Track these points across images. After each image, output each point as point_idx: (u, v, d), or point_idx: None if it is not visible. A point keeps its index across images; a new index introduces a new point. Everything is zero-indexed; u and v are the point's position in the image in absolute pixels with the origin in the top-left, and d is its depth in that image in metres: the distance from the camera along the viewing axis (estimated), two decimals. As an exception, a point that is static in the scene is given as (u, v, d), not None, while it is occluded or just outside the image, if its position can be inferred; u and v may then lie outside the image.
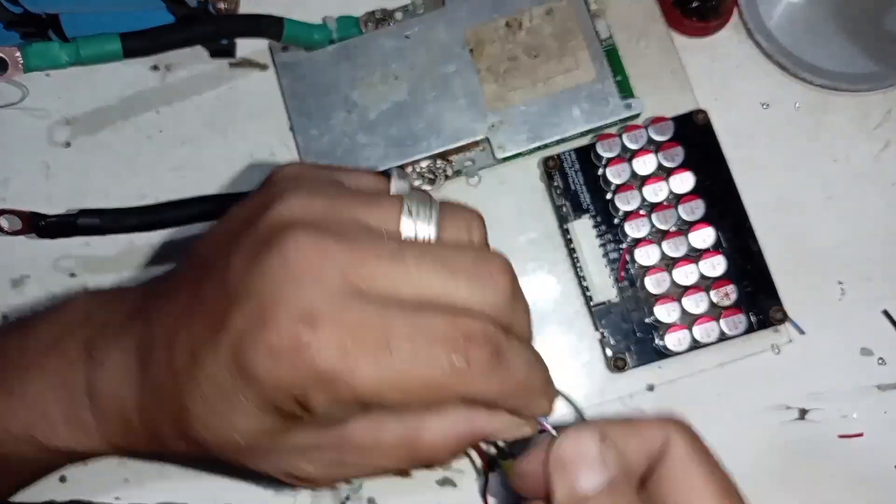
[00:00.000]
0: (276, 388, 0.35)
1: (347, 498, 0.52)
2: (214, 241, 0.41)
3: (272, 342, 0.34)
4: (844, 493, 0.51)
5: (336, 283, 0.35)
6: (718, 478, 0.38)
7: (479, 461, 0.51)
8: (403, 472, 0.41)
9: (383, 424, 0.38)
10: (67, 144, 0.56)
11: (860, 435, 0.51)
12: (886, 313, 0.52)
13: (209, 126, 0.56)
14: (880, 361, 0.52)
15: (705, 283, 0.50)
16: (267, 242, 0.36)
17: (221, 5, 0.54)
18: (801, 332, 0.52)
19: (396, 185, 0.40)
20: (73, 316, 0.45)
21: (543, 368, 0.39)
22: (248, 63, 0.57)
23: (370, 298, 0.35)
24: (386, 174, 0.41)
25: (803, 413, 0.51)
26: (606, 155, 0.52)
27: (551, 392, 0.40)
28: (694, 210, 0.51)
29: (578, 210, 0.53)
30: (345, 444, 0.38)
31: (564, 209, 0.53)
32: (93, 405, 0.42)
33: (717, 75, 0.55)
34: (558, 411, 0.41)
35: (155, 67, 0.56)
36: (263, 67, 0.56)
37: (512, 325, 0.38)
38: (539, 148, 0.53)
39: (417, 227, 0.38)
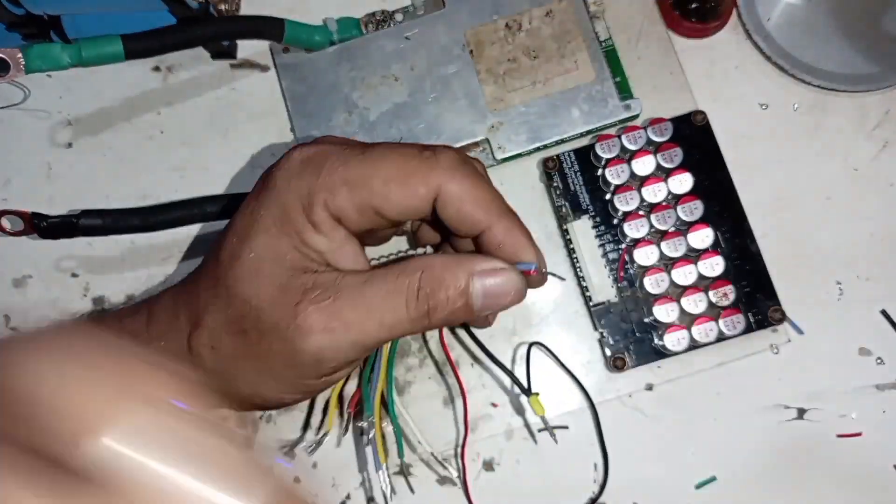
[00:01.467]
0: (287, 188, 0.42)
1: (348, 497, 0.52)
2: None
3: (291, 156, 0.43)
4: (843, 492, 0.51)
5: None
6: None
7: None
8: (402, 327, 0.42)
9: (372, 274, 0.42)
10: (69, 145, 0.56)
11: (859, 434, 0.51)
12: (885, 313, 0.52)
13: (210, 127, 0.56)
14: (878, 361, 0.52)
15: (704, 284, 0.51)
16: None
17: (222, 7, 0.55)
18: (800, 331, 0.52)
19: None
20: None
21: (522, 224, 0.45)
22: (249, 64, 0.57)
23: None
24: None
25: (802, 413, 0.51)
26: (605, 156, 0.52)
27: (526, 231, 0.45)
28: (693, 210, 0.51)
29: (578, 210, 0.53)
30: (337, 288, 0.41)
31: (564, 209, 0.53)
32: (149, 322, 0.45)
33: (715, 76, 0.55)
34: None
35: (156, 68, 0.57)
36: (264, 69, 0.57)
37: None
38: (538, 149, 0.54)
39: None
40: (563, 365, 0.52)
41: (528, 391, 0.49)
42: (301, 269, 0.41)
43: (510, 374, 0.50)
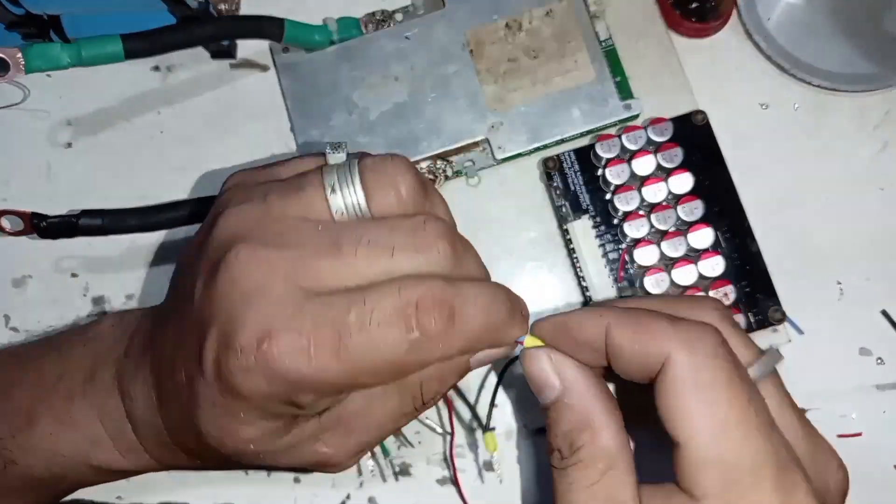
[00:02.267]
0: (262, 399, 0.37)
1: (348, 497, 0.52)
2: (185, 265, 0.43)
3: (241, 363, 0.36)
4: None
5: (282, 291, 0.37)
6: (714, 407, 0.36)
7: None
8: (411, 416, 0.42)
9: (372, 391, 0.41)
10: (69, 145, 0.56)
11: (859, 434, 0.51)
12: (885, 313, 0.52)
13: (210, 127, 0.56)
14: (879, 361, 0.52)
15: (704, 284, 0.51)
16: (216, 264, 0.38)
17: (222, 6, 0.55)
18: (800, 332, 0.52)
19: (332, 159, 0.41)
20: (102, 346, 0.47)
21: (504, 300, 0.40)
22: (249, 64, 0.57)
23: (318, 297, 0.37)
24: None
25: (802, 413, 0.51)
26: (606, 155, 0.52)
27: (517, 317, 0.41)
28: (693, 210, 0.51)
29: (578, 210, 0.53)
30: (345, 415, 0.41)
31: (564, 209, 0.53)
32: (138, 435, 0.45)
33: (716, 76, 0.55)
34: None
35: (156, 68, 0.57)
36: (264, 68, 0.56)
37: (463, 277, 0.40)
38: (539, 148, 0.54)
39: (345, 199, 0.39)
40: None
41: (485, 427, 0.47)
42: (304, 424, 0.41)
43: (471, 407, 0.51)
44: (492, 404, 0.46)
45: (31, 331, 0.54)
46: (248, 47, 0.57)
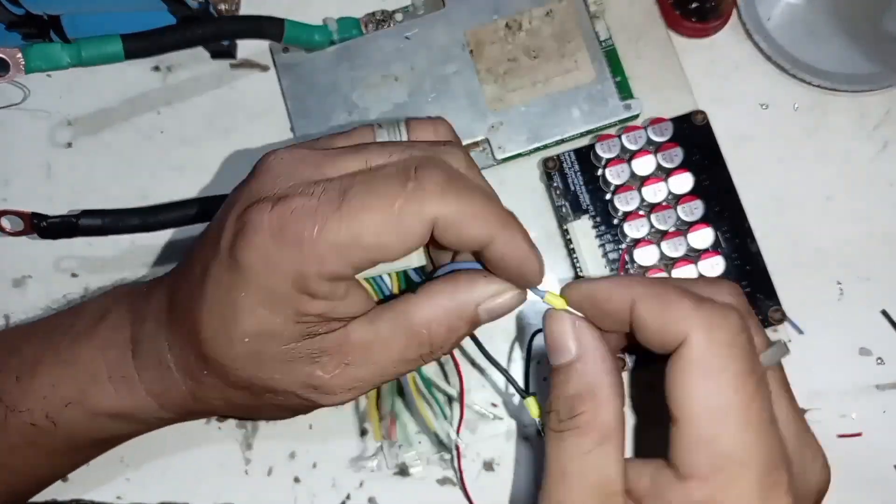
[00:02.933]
0: (267, 269, 0.38)
1: (348, 497, 0.52)
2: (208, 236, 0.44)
3: (255, 223, 0.38)
4: (843, 492, 0.51)
5: (309, 173, 0.40)
6: (719, 392, 0.37)
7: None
8: (414, 364, 0.43)
9: (376, 319, 0.41)
10: (69, 145, 0.56)
11: (859, 434, 0.51)
12: (885, 313, 0.52)
13: (210, 127, 0.56)
14: (879, 361, 0.52)
15: (704, 284, 0.51)
16: (255, 165, 0.42)
17: (222, 6, 0.55)
18: (800, 331, 0.52)
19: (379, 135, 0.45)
20: (121, 290, 0.49)
21: (510, 212, 0.41)
22: (249, 64, 0.57)
23: (339, 177, 0.39)
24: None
25: (802, 413, 0.51)
26: (606, 155, 0.52)
27: (525, 234, 0.41)
28: (693, 210, 0.51)
29: (578, 210, 0.53)
30: (347, 343, 0.41)
31: (564, 209, 0.53)
32: (135, 359, 0.45)
33: (716, 76, 0.55)
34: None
35: (156, 68, 0.57)
36: (264, 68, 0.56)
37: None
38: (538, 148, 0.54)
39: (389, 137, 0.44)
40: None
41: (524, 392, 0.46)
42: (303, 336, 0.40)
43: (506, 374, 0.48)
44: (527, 370, 0.47)
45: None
46: (248, 47, 0.57)
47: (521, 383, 0.46)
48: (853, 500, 0.51)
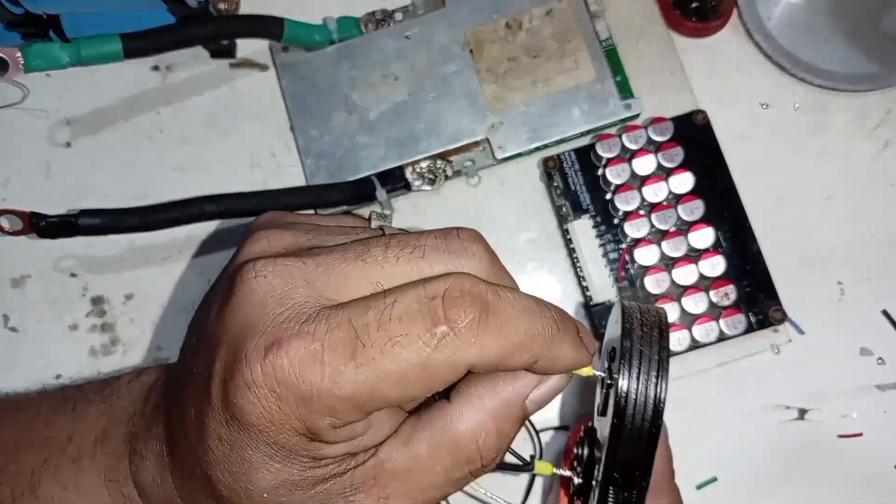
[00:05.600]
0: (272, 426, 0.33)
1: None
2: (204, 301, 0.40)
3: (248, 378, 0.32)
4: (844, 492, 0.51)
5: (303, 299, 0.34)
6: None
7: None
8: (463, 483, 0.37)
9: (412, 439, 0.36)
10: (68, 144, 0.56)
11: (859, 435, 0.51)
12: (886, 313, 0.52)
13: (209, 126, 0.56)
14: (879, 361, 0.52)
15: (705, 283, 0.51)
16: (232, 281, 0.35)
17: (222, 6, 0.55)
18: (801, 332, 0.52)
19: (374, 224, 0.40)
20: (118, 404, 0.43)
21: (551, 310, 0.36)
22: (249, 63, 0.57)
23: (343, 304, 0.34)
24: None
25: (803, 413, 0.51)
26: (606, 155, 0.52)
27: (572, 333, 0.36)
28: (693, 210, 0.51)
29: (578, 210, 0.53)
30: (383, 475, 0.35)
31: (564, 209, 0.53)
32: (142, 496, 0.41)
33: (716, 76, 0.55)
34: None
35: (155, 68, 0.56)
36: (264, 68, 0.56)
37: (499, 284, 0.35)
38: (539, 148, 0.53)
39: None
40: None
41: (526, 463, 0.41)
42: (329, 478, 0.35)
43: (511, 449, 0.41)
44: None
45: (31, 331, 0.54)
46: (248, 47, 0.56)
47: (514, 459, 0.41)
48: (854, 501, 0.51)
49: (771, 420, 0.52)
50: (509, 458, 0.40)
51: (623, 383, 0.35)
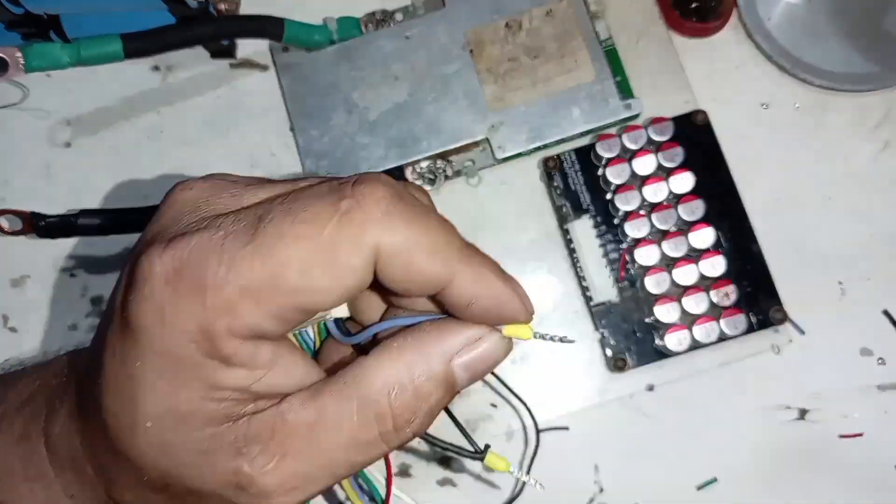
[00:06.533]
0: (162, 327, 0.29)
1: (347, 497, 0.52)
2: None
3: (145, 272, 0.29)
4: (844, 492, 0.51)
5: (222, 207, 0.32)
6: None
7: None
8: (373, 450, 0.32)
9: (321, 391, 0.32)
10: (68, 145, 0.56)
11: (860, 435, 0.51)
12: (886, 313, 0.52)
13: (210, 126, 0.56)
14: (880, 361, 0.52)
15: (705, 284, 0.51)
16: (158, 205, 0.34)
17: (222, 6, 0.55)
18: (801, 332, 0.52)
19: None
20: (51, 372, 0.39)
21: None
22: (249, 64, 0.57)
23: (256, 203, 0.31)
24: None
25: (803, 413, 0.51)
26: (606, 155, 0.52)
27: (502, 275, 0.34)
28: (694, 210, 0.51)
29: (578, 210, 0.53)
30: (283, 428, 0.31)
31: (564, 209, 0.53)
32: (49, 454, 0.36)
33: (716, 76, 0.55)
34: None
35: (156, 68, 0.56)
36: (264, 68, 0.56)
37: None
38: (539, 148, 0.53)
39: None
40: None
41: (478, 451, 0.39)
42: (221, 419, 0.31)
43: (464, 431, 0.40)
44: (462, 429, 0.39)
45: (30, 331, 0.54)
46: (248, 47, 0.57)
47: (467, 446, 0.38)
48: (855, 501, 0.51)
49: (772, 420, 0.51)
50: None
51: None
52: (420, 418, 0.32)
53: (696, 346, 0.50)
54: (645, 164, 0.51)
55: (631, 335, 0.51)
